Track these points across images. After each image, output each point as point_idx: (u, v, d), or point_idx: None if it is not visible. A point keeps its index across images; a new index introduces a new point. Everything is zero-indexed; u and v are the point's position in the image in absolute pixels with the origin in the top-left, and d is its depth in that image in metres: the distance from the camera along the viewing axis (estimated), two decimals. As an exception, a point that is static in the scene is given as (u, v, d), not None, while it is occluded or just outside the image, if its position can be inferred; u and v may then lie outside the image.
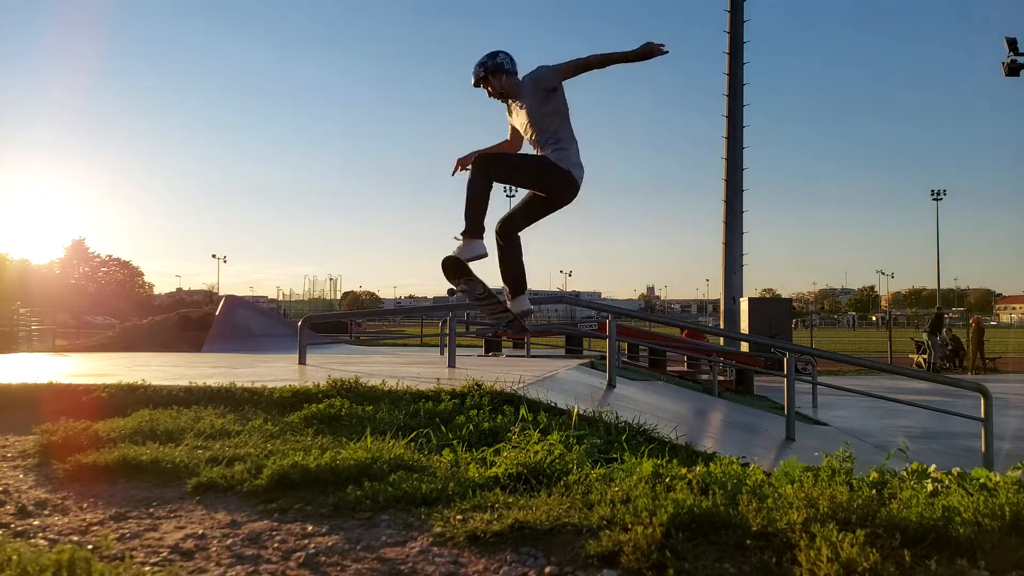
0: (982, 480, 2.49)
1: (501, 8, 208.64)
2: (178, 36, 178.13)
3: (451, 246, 4.14)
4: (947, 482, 2.51)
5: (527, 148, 4.38)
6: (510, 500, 2.47)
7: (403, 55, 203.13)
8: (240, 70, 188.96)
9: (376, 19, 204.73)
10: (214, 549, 2.17)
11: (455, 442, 3.30)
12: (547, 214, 4.34)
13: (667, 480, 2.53)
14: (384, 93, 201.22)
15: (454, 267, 4.15)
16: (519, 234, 4.40)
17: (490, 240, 4.22)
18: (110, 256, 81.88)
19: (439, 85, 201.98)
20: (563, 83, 4.17)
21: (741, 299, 21.76)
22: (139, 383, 4.55)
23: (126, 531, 2.32)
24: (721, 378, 13.90)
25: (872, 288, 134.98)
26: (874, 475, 2.57)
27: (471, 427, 3.64)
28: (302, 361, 7.47)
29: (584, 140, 4.23)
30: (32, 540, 2.22)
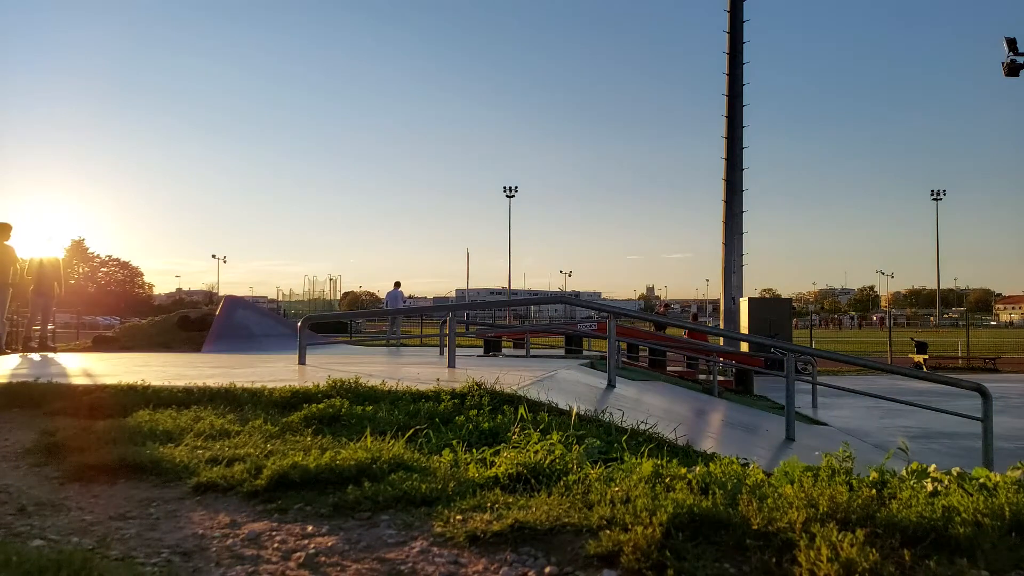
0: (982, 480, 2.49)
1: (498, 9, 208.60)
2: (179, 35, 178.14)
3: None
4: (947, 482, 2.51)
5: None
6: (510, 500, 2.47)
7: (404, 55, 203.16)
8: (240, 69, 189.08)
9: (376, 19, 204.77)
10: (214, 549, 2.17)
11: (455, 442, 3.30)
12: None
13: (667, 480, 2.53)
14: (384, 93, 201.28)
15: None
16: None
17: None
18: (110, 256, 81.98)
19: (441, 85, 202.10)
20: None
21: (741, 299, 21.79)
22: (139, 383, 4.55)
23: (126, 531, 2.32)
24: (721, 378, 13.90)
25: (872, 288, 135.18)
26: (874, 475, 2.57)
27: (471, 427, 3.64)
28: (302, 361, 7.47)
29: (585, 140, 4.24)
30: (32, 540, 2.22)
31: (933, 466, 2.71)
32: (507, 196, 73.14)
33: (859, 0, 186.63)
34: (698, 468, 2.65)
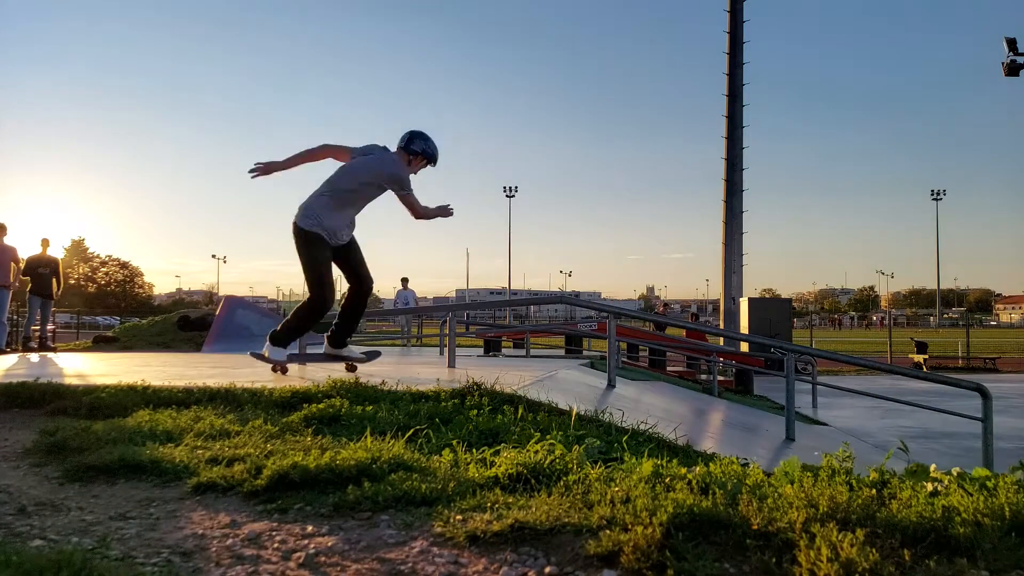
0: (982, 480, 2.49)
1: (498, 9, 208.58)
2: (180, 36, 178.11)
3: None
4: (947, 482, 2.51)
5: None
6: (510, 500, 2.47)
7: (404, 55, 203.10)
8: (241, 69, 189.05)
9: (376, 19, 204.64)
10: (214, 549, 2.17)
11: (455, 442, 3.30)
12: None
13: (667, 480, 2.53)
14: (384, 93, 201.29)
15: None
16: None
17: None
18: (110, 256, 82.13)
19: (440, 85, 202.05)
20: None
21: (741, 299, 21.81)
22: (139, 383, 4.56)
23: (126, 531, 2.32)
24: (721, 378, 13.90)
25: (872, 288, 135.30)
26: (874, 475, 2.57)
27: (471, 427, 3.64)
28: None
29: (585, 140, 4.25)
30: (32, 540, 2.22)
31: (933, 466, 2.71)
32: (507, 196, 73.23)
33: (859, 0, 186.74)
34: (698, 468, 2.64)
